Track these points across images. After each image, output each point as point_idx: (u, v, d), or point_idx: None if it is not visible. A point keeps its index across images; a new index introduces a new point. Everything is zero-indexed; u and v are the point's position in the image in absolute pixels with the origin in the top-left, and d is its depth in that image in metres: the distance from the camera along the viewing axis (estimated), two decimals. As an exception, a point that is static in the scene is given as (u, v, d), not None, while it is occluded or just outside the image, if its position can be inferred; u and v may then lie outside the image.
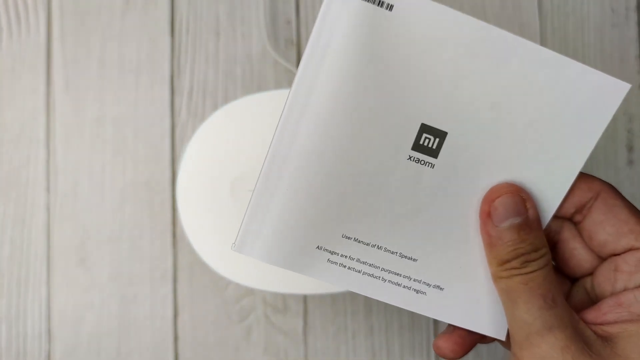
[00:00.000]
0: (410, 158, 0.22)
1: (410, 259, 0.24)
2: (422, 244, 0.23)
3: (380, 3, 0.21)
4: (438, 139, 0.22)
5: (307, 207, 0.23)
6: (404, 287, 0.24)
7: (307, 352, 0.37)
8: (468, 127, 0.22)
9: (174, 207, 0.37)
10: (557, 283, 0.22)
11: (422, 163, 0.22)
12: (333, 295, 0.37)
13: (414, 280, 0.24)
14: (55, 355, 0.37)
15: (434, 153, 0.22)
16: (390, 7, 0.21)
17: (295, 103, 0.22)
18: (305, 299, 0.37)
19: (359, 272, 0.24)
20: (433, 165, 0.23)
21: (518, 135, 0.22)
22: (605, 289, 0.23)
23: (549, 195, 0.23)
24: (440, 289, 0.24)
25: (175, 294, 0.37)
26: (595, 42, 0.38)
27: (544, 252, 0.22)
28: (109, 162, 0.37)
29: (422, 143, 0.22)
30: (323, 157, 0.22)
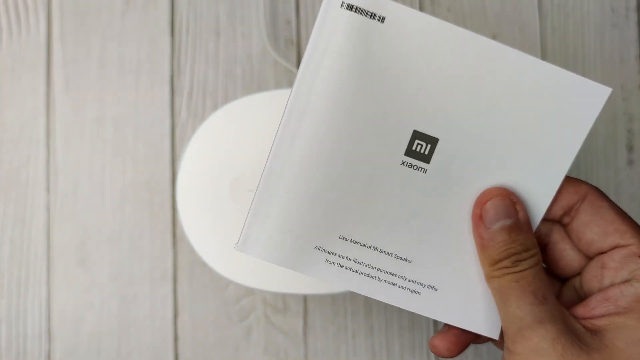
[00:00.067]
0: (404, 163, 0.23)
1: (405, 260, 0.24)
2: (416, 246, 0.24)
3: (373, 15, 0.22)
4: (430, 145, 0.23)
5: (306, 209, 0.24)
6: (399, 287, 0.25)
7: (307, 352, 0.37)
8: (458, 133, 0.23)
9: (174, 207, 0.37)
10: (547, 281, 0.23)
11: (415, 168, 0.23)
12: (333, 295, 0.37)
13: (409, 281, 0.25)
14: (55, 355, 0.37)
15: (426, 158, 0.23)
16: (382, 19, 0.22)
17: (294, 109, 0.23)
18: (305, 299, 0.37)
19: (356, 271, 0.25)
20: (425, 170, 0.23)
21: (506, 141, 0.23)
22: (593, 286, 0.24)
23: (538, 199, 0.23)
24: (435, 289, 0.25)
25: (175, 294, 0.37)
26: (595, 42, 0.38)
27: (534, 252, 0.23)
28: (109, 162, 0.37)
29: (414, 149, 0.23)
30: (321, 161, 0.23)
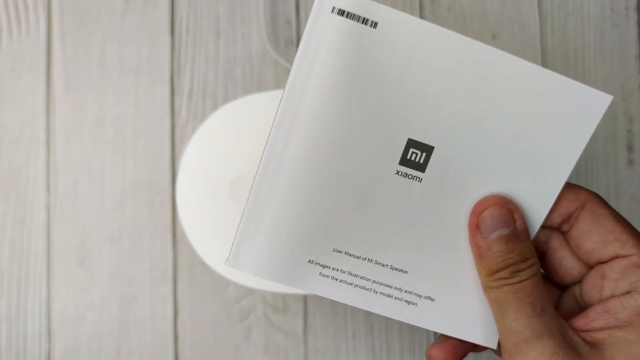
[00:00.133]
0: (398, 173, 0.23)
1: (401, 271, 0.24)
2: (412, 257, 0.24)
3: (365, 21, 0.21)
4: (425, 154, 0.22)
5: (298, 222, 0.23)
6: (396, 298, 0.24)
7: (307, 352, 0.37)
8: (454, 141, 0.22)
9: (174, 207, 0.37)
10: (545, 292, 0.22)
11: (410, 177, 0.23)
12: (333, 295, 0.37)
13: (405, 292, 0.24)
14: (55, 355, 0.37)
15: (422, 167, 0.23)
16: (375, 24, 0.21)
17: (284, 118, 0.22)
18: (305, 299, 0.37)
19: (351, 284, 0.24)
20: (421, 180, 0.23)
21: (504, 148, 0.22)
22: (593, 296, 0.23)
23: (537, 206, 0.23)
24: (432, 300, 0.24)
25: (175, 294, 0.37)
26: (595, 42, 0.38)
27: (533, 262, 0.22)
28: (109, 162, 0.37)
29: (409, 158, 0.23)
30: (312, 172, 0.23)
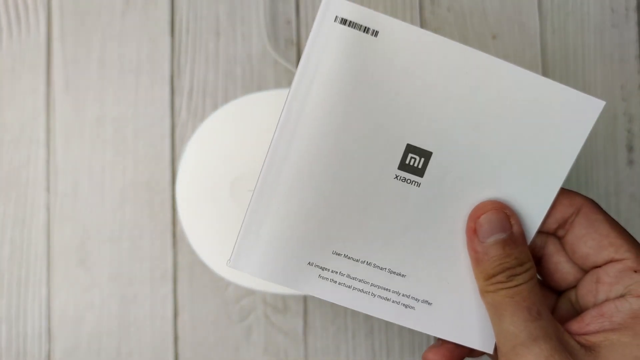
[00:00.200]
0: (397, 177, 0.23)
1: (399, 275, 0.24)
2: (410, 260, 0.24)
3: (366, 30, 0.22)
4: (423, 159, 0.23)
5: (298, 225, 0.24)
6: (393, 302, 0.24)
7: (307, 352, 0.37)
8: (452, 147, 0.23)
9: (174, 207, 0.37)
10: (542, 296, 0.22)
11: (408, 182, 0.23)
12: (333, 295, 0.37)
13: (403, 296, 0.24)
14: (55, 355, 0.37)
15: (420, 172, 0.23)
16: (376, 33, 0.22)
17: (287, 123, 0.23)
18: (305, 299, 0.37)
19: (349, 287, 0.24)
20: (419, 184, 0.23)
21: (500, 154, 0.23)
22: (588, 300, 0.23)
23: (533, 212, 0.23)
24: (429, 304, 0.24)
25: (175, 294, 0.37)
26: (595, 42, 0.38)
27: (529, 266, 0.22)
28: (109, 162, 0.37)
29: (408, 163, 0.23)
30: (313, 176, 0.23)
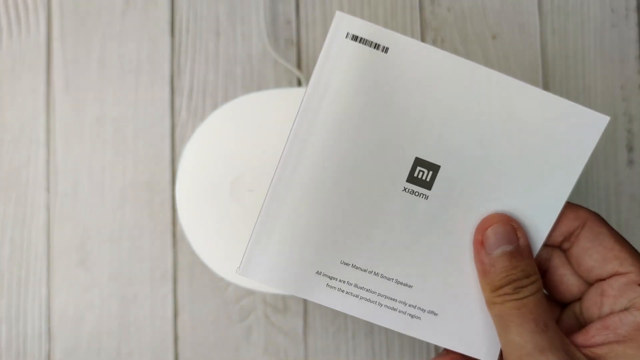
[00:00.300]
0: (405, 190, 0.24)
1: (406, 285, 0.25)
2: (417, 271, 0.24)
3: (377, 46, 0.22)
4: (431, 172, 0.23)
5: (308, 234, 0.24)
6: (400, 311, 0.25)
7: (307, 352, 0.37)
8: (459, 161, 0.23)
9: (174, 207, 0.37)
10: (548, 308, 0.23)
11: (416, 194, 0.24)
12: (333, 295, 0.37)
13: (409, 306, 0.25)
14: (55, 355, 0.37)
15: (428, 185, 0.24)
16: (386, 49, 0.22)
17: (298, 136, 0.23)
18: (305, 300, 0.37)
19: (357, 296, 0.25)
20: (427, 197, 0.24)
21: (507, 169, 0.23)
22: (593, 313, 0.24)
23: (539, 225, 0.24)
24: (435, 314, 0.25)
25: (175, 294, 0.37)
26: (595, 42, 0.38)
27: (535, 278, 0.23)
28: (109, 162, 0.37)
29: (416, 176, 0.24)
30: (323, 187, 0.24)
